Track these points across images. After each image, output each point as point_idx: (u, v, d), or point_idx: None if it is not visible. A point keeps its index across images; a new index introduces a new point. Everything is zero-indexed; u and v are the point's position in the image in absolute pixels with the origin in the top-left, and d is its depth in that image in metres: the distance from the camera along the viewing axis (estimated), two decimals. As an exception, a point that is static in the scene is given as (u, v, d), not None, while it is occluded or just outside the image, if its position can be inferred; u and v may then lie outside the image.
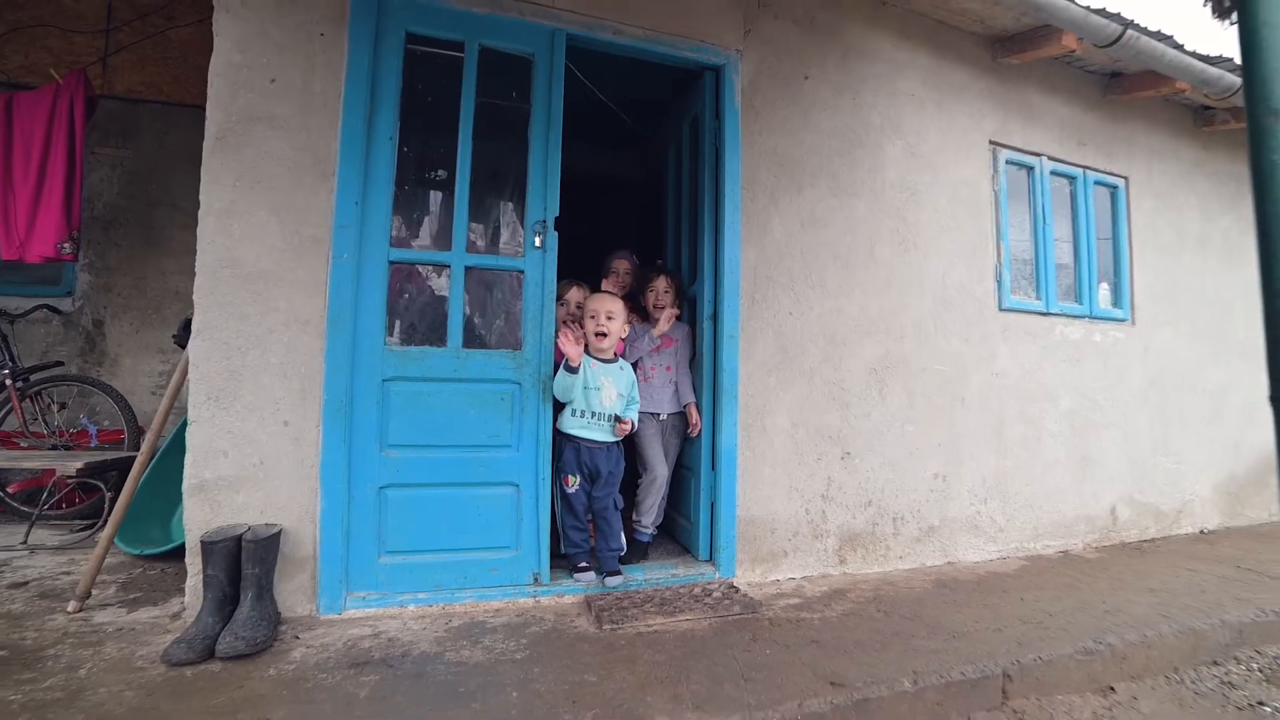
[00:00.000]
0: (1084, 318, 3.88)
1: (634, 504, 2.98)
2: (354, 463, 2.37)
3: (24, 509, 3.30)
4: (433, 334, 2.56)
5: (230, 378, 2.27)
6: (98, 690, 1.76)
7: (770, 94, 3.09)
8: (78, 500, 3.36)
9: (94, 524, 3.19)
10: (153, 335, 4.01)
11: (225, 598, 2.12)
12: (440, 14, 2.58)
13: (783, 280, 3.02)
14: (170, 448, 3.08)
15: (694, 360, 3.08)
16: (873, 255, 3.22)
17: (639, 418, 2.79)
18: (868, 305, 3.19)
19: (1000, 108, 3.67)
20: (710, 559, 2.91)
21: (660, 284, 3.02)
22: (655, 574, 2.81)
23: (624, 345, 2.88)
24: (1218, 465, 4.40)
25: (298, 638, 2.16)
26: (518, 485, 2.58)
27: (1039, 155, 3.80)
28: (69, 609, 2.24)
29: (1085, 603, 2.87)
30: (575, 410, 2.60)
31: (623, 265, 3.22)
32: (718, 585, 2.77)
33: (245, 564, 2.13)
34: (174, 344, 3.44)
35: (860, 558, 3.15)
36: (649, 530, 2.98)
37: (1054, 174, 3.86)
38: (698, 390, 3.01)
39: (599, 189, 5.17)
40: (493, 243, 2.81)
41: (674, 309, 2.98)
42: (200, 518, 2.22)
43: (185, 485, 2.22)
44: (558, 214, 2.66)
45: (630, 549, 2.86)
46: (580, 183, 3.56)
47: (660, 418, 2.97)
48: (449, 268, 2.56)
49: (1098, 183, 4.01)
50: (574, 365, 2.52)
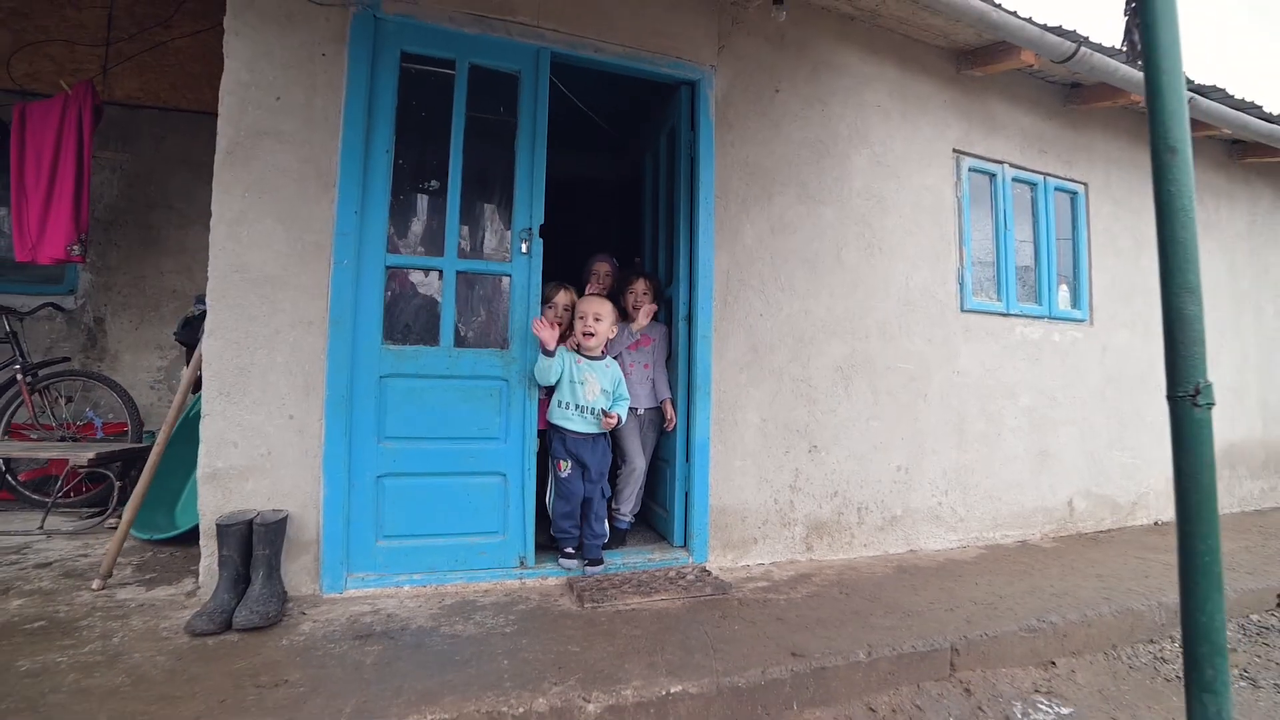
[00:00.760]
0: (1044, 318, 4.19)
1: (614, 493, 3.26)
2: (354, 453, 2.63)
3: (34, 497, 3.55)
4: (426, 334, 2.83)
5: (240, 374, 2.53)
6: (132, 655, 2.02)
7: (743, 107, 3.36)
8: (84, 489, 3.60)
9: (101, 511, 3.44)
10: (151, 332, 4.25)
11: (238, 576, 2.37)
12: (433, 34, 2.83)
13: (754, 283, 3.30)
14: (172, 439, 3.31)
15: (670, 358, 3.37)
16: (840, 259, 3.51)
17: (618, 413, 3.06)
18: (834, 307, 3.48)
19: (964, 118, 3.97)
20: (685, 545, 3.19)
21: (639, 286, 3.30)
22: (633, 558, 3.09)
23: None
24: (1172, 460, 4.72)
25: (304, 614, 2.42)
26: (505, 475, 2.85)
27: (1001, 163, 4.10)
28: (93, 586, 2.49)
29: (1035, 587, 3.17)
30: (561, 402, 2.87)
31: (603, 268, 3.49)
32: (691, 569, 3.06)
33: (256, 546, 2.39)
34: (174, 341, 3.68)
35: (826, 545, 3.44)
36: (627, 518, 3.27)
37: (1016, 181, 4.17)
38: (673, 387, 3.30)
39: (579, 190, 5.42)
40: (482, 248, 3.07)
41: (651, 305, 3.26)
42: (213, 503, 2.48)
43: (199, 473, 2.47)
44: (542, 221, 2.93)
45: (610, 536, 3.14)
46: (561, 184, 3.80)
47: (638, 412, 3.25)
48: (441, 272, 2.82)
49: (1058, 189, 4.32)
50: (549, 350, 2.76)
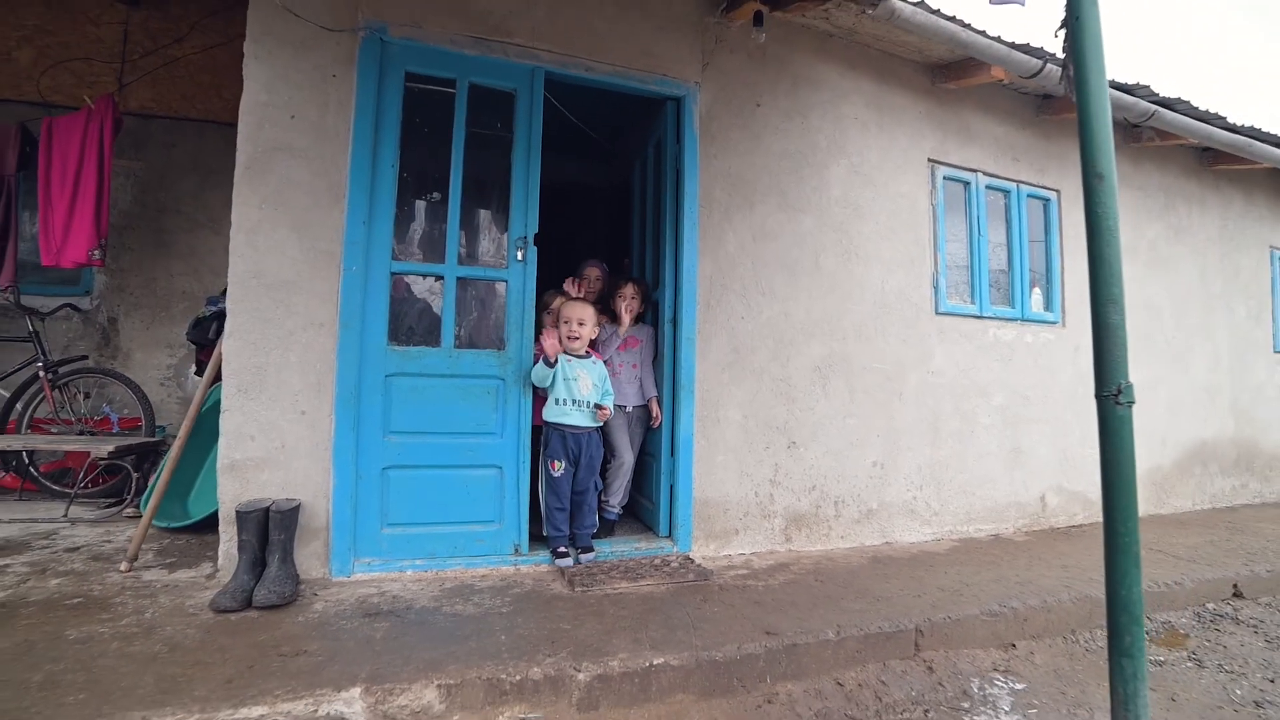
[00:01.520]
0: (1016, 320, 4.46)
1: (604, 486, 3.51)
2: (361, 446, 2.88)
3: (54, 488, 3.80)
4: (429, 335, 3.08)
5: (257, 373, 2.77)
6: (165, 628, 2.27)
7: (726, 120, 3.61)
8: (101, 481, 3.85)
9: (119, 501, 3.70)
10: (161, 331, 4.50)
11: (256, 559, 2.62)
12: (435, 55, 3.08)
13: (736, 288, 3.56)
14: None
15: (657, 359, 3.62)
16: (818, 265, 3.77)
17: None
18: (813, 310, 3.74)
19: (939, 128, 4.23)
20: (669, 535, 3.44)
21: (628, 290, 3.56)
22: (621, 547, 3.35)
23: (595, 345, 3.40)
24: (1143, 457, 4.90)
25: (316, 594, 2.67)
26: (501, 468, 3.10)
27: (975, 171, 4.36)
28: (121, 568, 2.74)
29: (1001, 576, 3.43)
30: (559, 400, 3.12)
31: (594, 273, 3.74)
32: (675, 557, 3.31)
33: (272, 531, 2.64)
34: (185, 340, 3.93)
35: (805, 537, 3.70)
36: (616, 510, 3.52)
37: (989, 188, 4.43)
38: (659, 386, 3.56)
39: (570, 195, 5.68)
40: (481, 256, 3.32)
41: (638, 308, 3.52)
42: (232, 492, 2.72)
43: (219, 464, 2.72)
44: (537, 231, 3.18)
45: (599, 526, 3.39)
46: (554, 190, 4.04)
47: (627, 409, 3.50)
48: (443, 278, 3.07)
49: (1031, 196, 4.59)
50: (550, 360, 3.05)
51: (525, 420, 3.14)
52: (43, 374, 3.87)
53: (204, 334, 3.77)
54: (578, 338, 3.14)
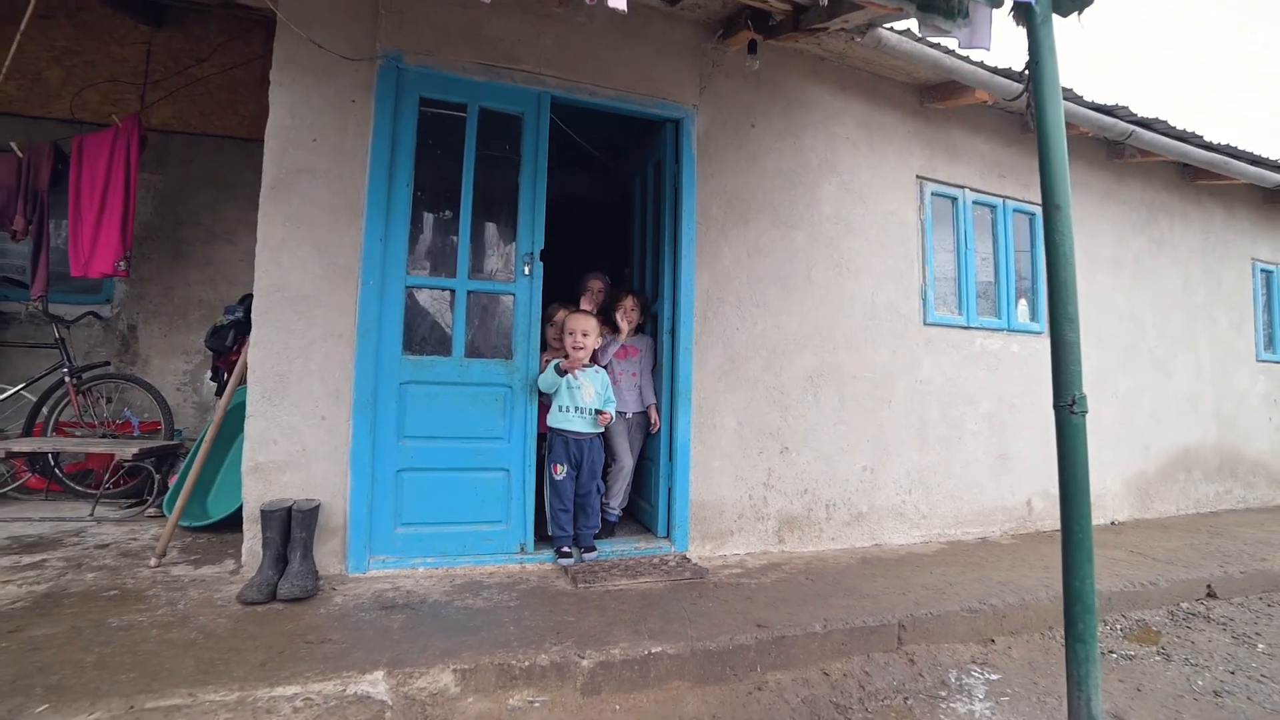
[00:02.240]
0: (1003, 330, 4.69)
1: (604, 489, 3.73)
2: (377, 450, 3.10)
3: (77, 488, 4.03)
4: (440, 346, 3.31)
5: (280, 381, 3.00)
6: (198, 618, 2.49)
7: (722, 141, 3.85)
8: (122, 482, 4.07)
9: (139, 501, 3.93)
10: (179, 338, 4.73)
11: (279, 556, 2.84)
12: (448, 82, 3.32)
13: (731, 300, 3.79)
14: (200, 439, 3.78)
15: (656, 368, 3.85)
16: (810, 278, 4.00)
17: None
18: (805, 321, 3.97)
19: (927, 147, 4.47)
20: (667, 536, 3.67)
21: (628, 302, 3.79)
22: (621, 547, 3.57)
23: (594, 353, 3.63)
24: (1128, 463, 5.24)
25: (334, 589, 2.89)
26: (508, 470, 3.33)
27: (962, 187, 4.61)
28: (151, 564, 2.96)
29: (984, 576, 3.65)
30: (563, 407, 3.34)
31: (597, 285, 3.98)
32: (673, 557, 3.54)
33: (294, 529, 2.85)
34: (204, 347, 4.16)
35: (797, 538, 3.92)
36: (616, 511, 3.75)
37: (976, 203, 4.67)
38: (658, 393, 3.78)
39: (573, 209, 5.91)
40: (489, 270, 3.54)
41: (637, 319, 3.77)
42: (255, 492, 2.94)
43: (244, 466, 2.94)
44: (543, 247, 3.41)
45: (600, 527, 3.60)
46: (556, 204, 4.26)
47: (627, 416, 3.73)
48: (454, 291, 3.30)
49: (1017, 210, 4.83)
50: (562, 370, 3.30)
51: (531, 425, 3.36)
52: (68, 379, 4.10)
53: (221, 341, 4.00)
54: (582, 348, 3.37)
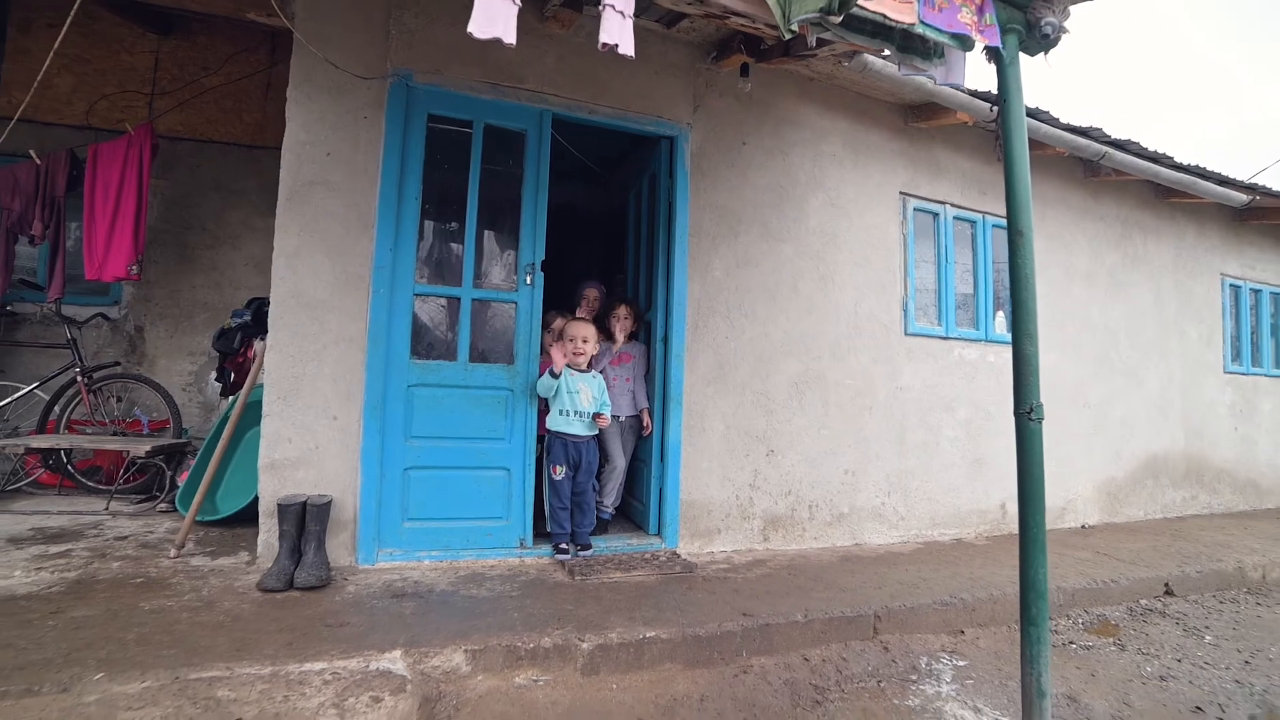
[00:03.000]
0: (980, 341, 5.00)
1: (598, 488, 4.00)
2: (386, 449, 3.34)
3: (89, 484, 4.24)
4: (446, 351, 3.56)
5: (294, 382, 3.23)
6: (223, 603, 2.73)
7: (714, 157, 4.13)
8: (132, 478, 4.28)
9: (148, 498, 4.14)
10: (184, 340, 4.95)
11: (294, 547, 3.07)
12: (455, 99, 3.57)
13: (721, 310, 4.07)
14: (216, 436, 4.00)
15: (649, 373, 4.12)
16: (796, 289, 4.29)
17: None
18: (791, 331, 4.26)
19: (910, 164, 4.77)
20: (658, 533, 3.93)
21: (622, 310, 4.06)
22: (614, 543, 3.83)
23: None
24: (1098, 469, 5.57)
25: (346, 580, 3.13)
26: (509, 469, 3.58)
27: (944, 203, 4.91)
28: (171, 555, 3.19)
29: (957, 574, 3.94)
30: (562, 410, 3.59)
31: (592, 293, 4.24)
32: (664, 553, 3.80)
33: (309, 522, 3.09)
34: (211, 348, 4.38)
35: (781, 537, 4.20)
36: (609, 510, 4.02)
37: (957, 219, 4.98)
38: (650, 398, 4.05)
39: (568, 218, 6.16)
40: (493, 279, 3.80)
41: (631, 327, 4.04)
42: (271, 488, 3.18)
43: (260, 463, 3.17)
44: (543, 258, 3.67)
45: (595, 525, 3.86)
46: (553, 213, 4.47)
47: (620, 419, 3.99)
48: (459, 299, 3.55)
49: (996, 226, 5.14)
50: (556, 372, 3.53)
51: (531, 426, 3.62)
52: (80, 378, 4.31)
53: (229, 344, 4.22)
54: (582, 354, 3.63)
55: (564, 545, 3.61)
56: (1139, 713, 2.69)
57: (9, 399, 4.42)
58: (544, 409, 3.69)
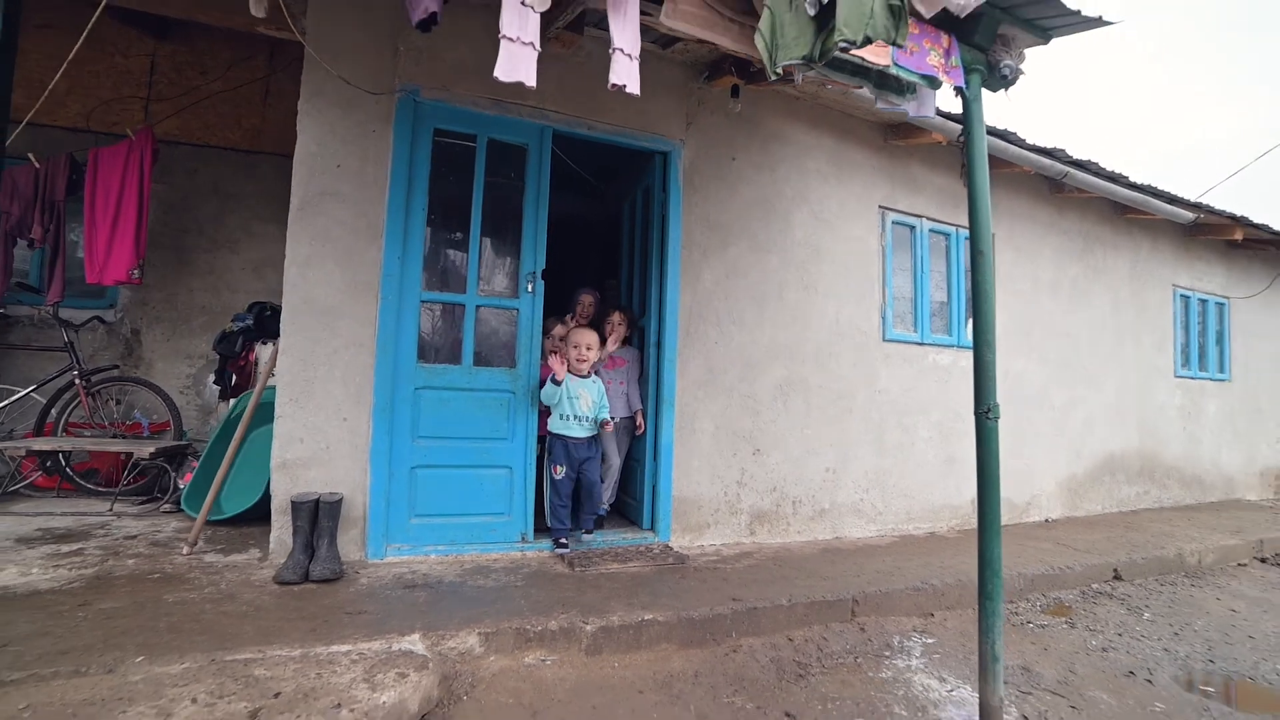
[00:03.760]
0: (953, 347, 5.35)
1: (597, 485, 4.24)
2: (394, 448, 3.55)
3: (88, 486, 4.34)
4: (452, 355, 3.77)
5: (306, 385, 3.42)
6: (242, 595, 2.91)
7: (705, 172, 4.40)
8: (133, 481, 4.39)
9: (149, 499, 4.27)
10: (181, 343, 5.06)
11: (308, 542, 3.26)
12: (460, 115, 3.78)
13: (711, 317, 4.34)
14: (220, 437, 4.15)
15: (642, 377, 4.38)
16: (781, 298, 4.58)
17: (601, 420, 4.06)
18: (776, 337, 4.55)
19: (889, 180, 5.10)
20: (652, 528, 4.19)
21: (616, 317, 4.31)
22: (610, 538, 4.08)
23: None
24: (1061, 467, 5.97)
25: (358, 573, 3.32)
26: (511, 468, 3.80)
27: (920, 217, 5.25)
28: (184, 552, 3.35)
29: (929, 563, 4.26)
30: (563, 415, 3.82)
31: (587, 299, 4.48)
32: (657, 546, 4.06)
33: (321, 519, 3.28)
34: (213, 351, 4.52)
35: (767, 531, 4.49)
36: (605, 506, 4.26)
37: (932, 231, 5.32)
38: (644, 400, 4.31)
39: (565, 227, 6.39)
40: (496, 287, 4.01)
41: (624, 333, 4.29)
42: (283, 486, 3.36)
43: (273, 462, 3.35)
44: (544, 266, 3.90)
45: (600, 512, 4.11)
46: (551, 222, 4.69)
47: (615, 420, 4.22)
48: (464, 306, 3.77)
49: (969, 238, 5.47)
50: (559, 381, 3.76)
51: (532, 427, 3.85)
52: (78, 381, 4.41)
53: (230, 347, 4.37)
54: (585, 360, 3.87)
55: (564, 539, 3.84)
56: (1081, 678, 3.07)
57: (5, 402, 4.50)
58: (545, 411, 3.92)
